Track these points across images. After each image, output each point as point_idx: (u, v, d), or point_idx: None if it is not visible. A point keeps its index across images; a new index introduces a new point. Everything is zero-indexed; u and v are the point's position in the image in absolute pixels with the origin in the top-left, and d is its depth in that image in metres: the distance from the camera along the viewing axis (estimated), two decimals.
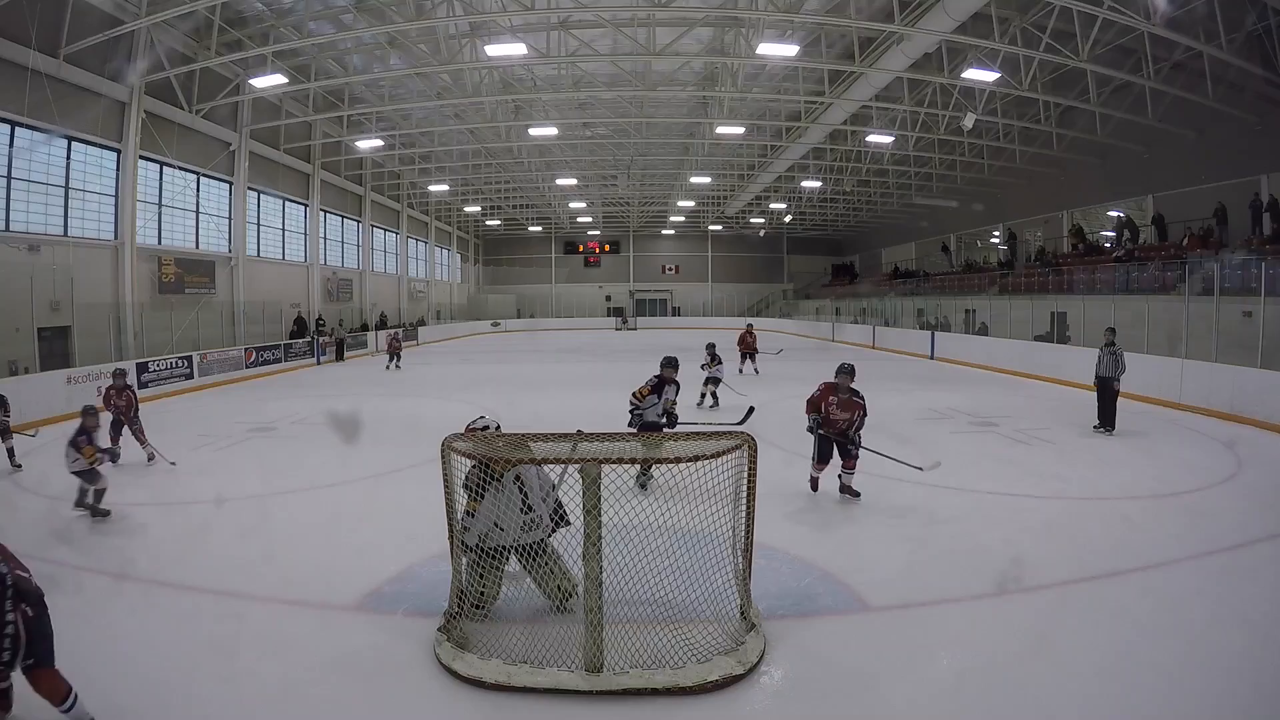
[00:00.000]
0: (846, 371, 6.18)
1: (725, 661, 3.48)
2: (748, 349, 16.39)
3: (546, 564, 4.01)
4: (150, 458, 7.97)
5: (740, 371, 15.66)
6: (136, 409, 8.20)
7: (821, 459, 6.29)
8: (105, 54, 14.12)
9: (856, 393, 6.15)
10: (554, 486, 4.17)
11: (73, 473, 6.01)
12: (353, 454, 8.82)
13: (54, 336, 13.26)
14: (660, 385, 6.69)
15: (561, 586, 4.03)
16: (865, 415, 6.21)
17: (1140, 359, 12.63)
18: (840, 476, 6.35)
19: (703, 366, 11.67)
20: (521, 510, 3.95)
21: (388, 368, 19.54)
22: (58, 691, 2.97)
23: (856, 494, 6.30)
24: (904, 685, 3.41)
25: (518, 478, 3.95)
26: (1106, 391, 9.47)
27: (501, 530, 3.96)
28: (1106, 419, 9.46)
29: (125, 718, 3.19)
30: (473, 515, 3.91)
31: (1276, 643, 3.81)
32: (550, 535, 4.09)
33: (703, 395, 11.67)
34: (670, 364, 6.82)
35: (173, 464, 7.84)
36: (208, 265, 18.72)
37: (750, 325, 17.90)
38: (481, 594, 3.91)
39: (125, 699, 3.31)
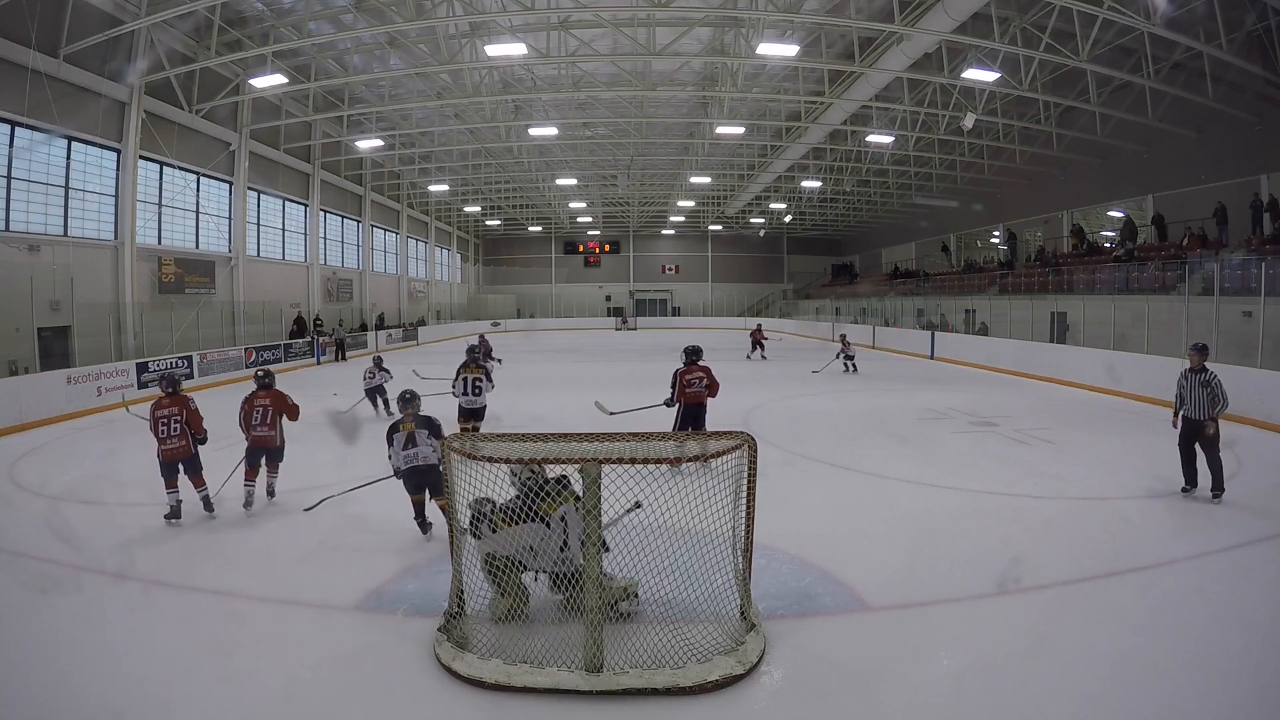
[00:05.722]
0: (694, 352, 7.77)
1: (725, 661, 3.48)
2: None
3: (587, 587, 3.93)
4: None
5: (748, 358, 20.42)
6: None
7: (682, 428, 7.34)
8: (105, 54, 14.11)
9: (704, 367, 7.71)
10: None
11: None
12: (353, 454, 8.81)
13: (54, 336, 13.24)
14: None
15: (605, 600, 3.90)
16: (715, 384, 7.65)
17: (1140, 359, 12.64)
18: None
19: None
20: (560, 548, 3.90)
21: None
22: None
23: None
24: (904, 685, 3.41)
25: (564, 518, 3.90)
26: (1200, 438, 6.21)
27: (535, 556, 3.93)
28: (1194, 477, 6.32)
29: (125, 718, 3.19)
30: (495, 532, 3.87)
31: (1276, 643, 3.81)
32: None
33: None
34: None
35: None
36: (208, 265, 18.71)
37: (759, 325, 23.69)
38: (510, 607, 3.88)
39: (125, 699, 3.32)
